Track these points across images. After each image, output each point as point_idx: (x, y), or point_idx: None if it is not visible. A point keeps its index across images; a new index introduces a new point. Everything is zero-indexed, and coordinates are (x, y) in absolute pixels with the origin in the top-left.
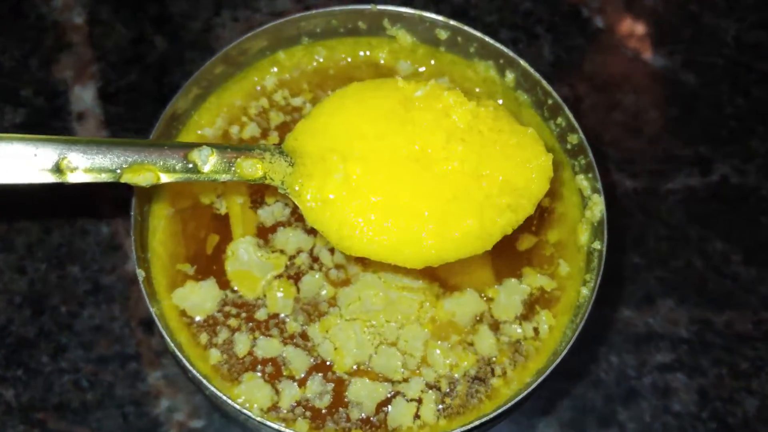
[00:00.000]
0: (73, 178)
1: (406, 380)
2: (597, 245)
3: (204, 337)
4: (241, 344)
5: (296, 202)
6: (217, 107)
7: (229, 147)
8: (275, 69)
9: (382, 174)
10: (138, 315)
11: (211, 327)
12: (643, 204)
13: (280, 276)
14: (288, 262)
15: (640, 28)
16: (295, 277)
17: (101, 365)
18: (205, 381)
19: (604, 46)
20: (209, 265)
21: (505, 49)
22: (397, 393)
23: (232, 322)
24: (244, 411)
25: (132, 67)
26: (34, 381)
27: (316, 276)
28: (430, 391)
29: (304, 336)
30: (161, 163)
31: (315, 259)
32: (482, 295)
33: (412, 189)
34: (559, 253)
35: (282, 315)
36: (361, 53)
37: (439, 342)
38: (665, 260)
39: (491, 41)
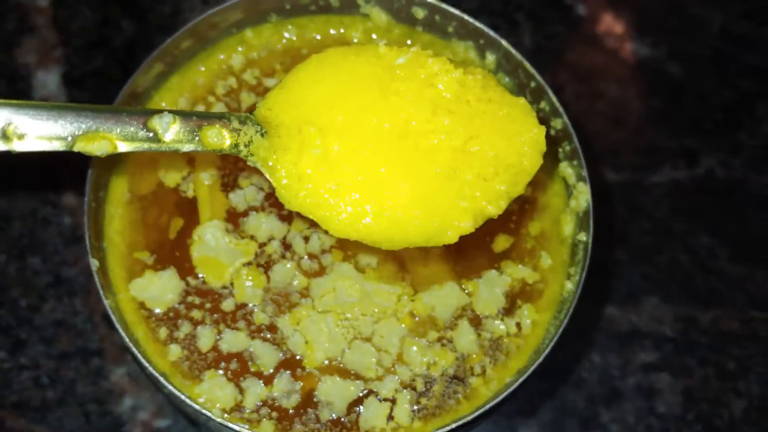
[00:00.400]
0: (20, 146)
1: (380, 378)
2: (582, 237)
3: (164, 332)
4: (205, 338)
5: (268, 177)
6: (179, 86)
7: (194, 114)
8: (242, 48)
9: (364, 149)
10: (101, 309)
11: (172, 320)
12: (626, 197)
13: (249, 264)
14: (258, 250)
15: (623, 17)
16: (265, 265)
17: (62, 361)
18: (162, 379)
19: (586, 35)
20: (171, 252)
21: (486, 29)
22: (370, 392)
23: (196, 313)
24: (204, 411)
25: (98, 51)
26: None
27: (288, 265)
28: (405, 391)
29: (272, 328)
30: (118, 130)
31: (287, 247)
32: (462, 287)
33: (396, 165)
34: (541, 245)
35: (250, 305)
36: (333, 31)
37: (417, 339)
38: (650, 256)
39: (471, 20)
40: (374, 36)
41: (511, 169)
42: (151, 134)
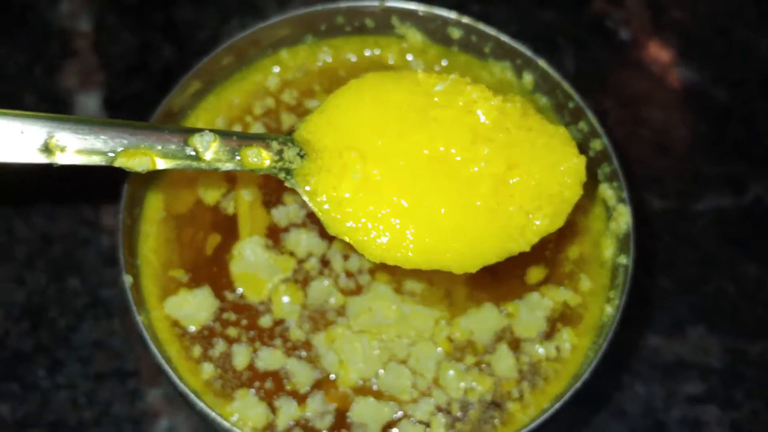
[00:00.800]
0: (62, 158)
1: (414, 401)
2: (622, 260)
3: (197, 350)
4: (240, 356)
5: (306, 199)
6: (215, 106)
7: (234, 134)
8: (278, 68)
9: (404, 175)
10: (138, 330)
11: (206, 339)
12: (671, 225)
13: (287, 280)
14: (297, 266)
15: (668, 42)
16: (303, 281)
17: (99, 382)
18: (194, 397)
19: (629, 60)
20: (208, 269)
21: (523, 49)
22: (405, 415)
23: (231, 331)
24: (236, 430)
25: (137, 75)
26: (30, 396)
27: (325, 282)
28: (440, 414)
29: (307, 345)
30: (159, 147)
31: (325, 264)
32: (501, 310)
33: (435, 193)
34: (581, 269)
35: (287, 321)
36: (368, 52)
37: (454, 362)
38: (696, 285)
39: (508, 40)
40: (410, 57)
41: (553, 199)
42: (191, 152)
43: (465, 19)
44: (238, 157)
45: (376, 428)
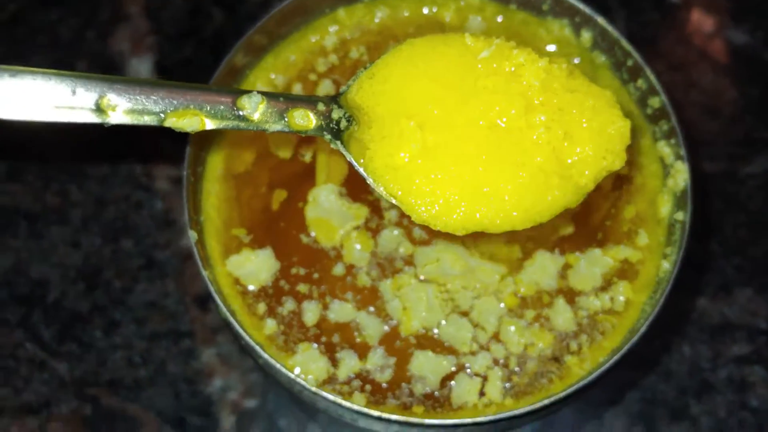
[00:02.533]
0: (114, 118)
1: (473, 353)
2: (679, 216)
3: (261, 307)
4: (310, 312)
5: (353, 161)
6: (273, 66)
7: (281, 95)
8: (335, 28)
9: (461, 144)
10: (193, 291)
11: (270, 297)
12: (721, 188)
13: (359, 228)
14: (369, 215)
15: (719, 4)
16: (374, 230)
17: (154, 342)
18: (258, 348)
19: (680, 22)
20: (274, 225)
21: (582, 6)
22: (462, 367)
23: (301, 287)
24: (299, 380)
25: (188, 40)
26: (87, 356)
27: (395, 232)
28: (496, 368)
29: (373, 291)
30: (208, 108)
31: (399, 215)
32: (562, 259)
33: (492, 161)
34: (637, 227)
35: (356, 268)
36: (426, 10)
37: (516, 318)
38: (743, 248)
39: None
40: (469, 16)
41: (595, 162)
42: (239, 112)
43: None
44: (285, 119)
45: (435, 381)
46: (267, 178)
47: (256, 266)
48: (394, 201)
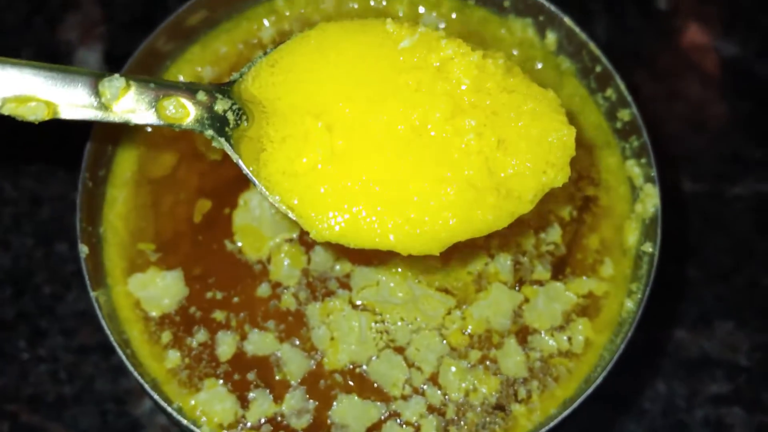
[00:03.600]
0: None
1: (405, 398)
2: (648, 248)
3: (166, 336)
4: (225, 345)
5: (241, 165)
6: (201, 58)
7: (153, 81)
8: (272, 18)
9: (375, 150)
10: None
11: (178, 325)
12: (703, 209)
13: (292, 240)
14: None
15: (709, 12)
16: (309, 245)
17: (82, 356)
18: (145, 384)
19: (666, 29)
20: (190, 239)
21: (546, 3)
22: (392, 415)
23: (217, 315)
24: (186, 424)
25: (142, 29)
26: (8, 368)
27: (331, 248)
28: (431, 416)
29: (298, 317)
30: (60, 93)
31: None
32: (518, 293)
33: (409, 171)
34: (602, 255)
35: (281, 288)
36: (374, 3)
37: (457, 359)
38: (726, 275)
39: None
40: (422, 10)
41: (529, 179)
42: (96, 100)
43: None
44: (155, 109)
45: (359, 430)
46: (193, 184)
47: (160, 289)
48: (290, 214)
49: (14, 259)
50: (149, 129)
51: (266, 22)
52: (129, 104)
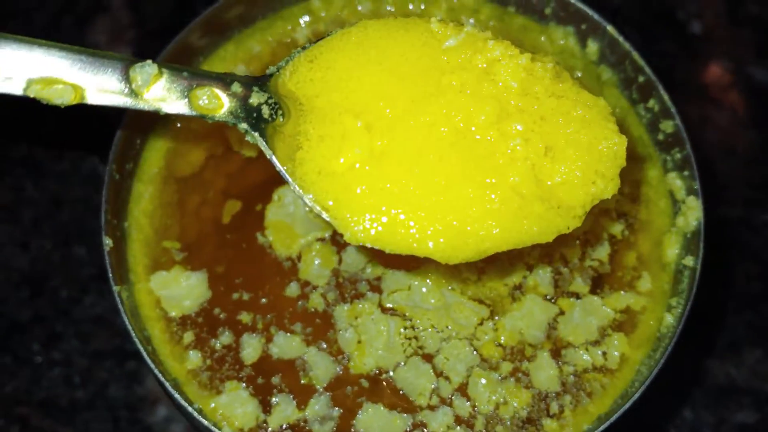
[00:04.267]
0: None
1: (432, 408)
2: (689, 261)
3: (188, 336)
4: (250, 348)
5: (275, 162)
6: (234, 56)
7: (186, 70)
8: (308, 18)
9: (417, 153)
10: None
11: (201, 326)
12: (734, 236)
13: (323, 240)
14: None
15: (742, 36)
16: (341, 245)
17: (96, 361)
18: (168, 386)
19: (699, 54)
20: (218, 239)
21: (589, 11)
22: (417, 425)
23: (244, 317)
24: (210, 426)
25: (171, 36)
26: (21, 371)
27: (364, 250)
28: (459, 428)
29: (325, 317)
30: (87, 76)
31: None
32: (554, 306)
33: (452, 175)
34: (639, 270)
35: (311, 287)
36: (412, 6)
37: (489, 371)
38: (756, 303)
39: (573, 0)
40: (461, 17)
41: (578, 190)
42: (126, 87)
43: None
44: (187, 99)
45: None
46: (220, 185)
47: (183, 290)
48: (324, 215)
49: (32, 261)
50: (179, 125)
51: (302, 22)
52: (160, 92)
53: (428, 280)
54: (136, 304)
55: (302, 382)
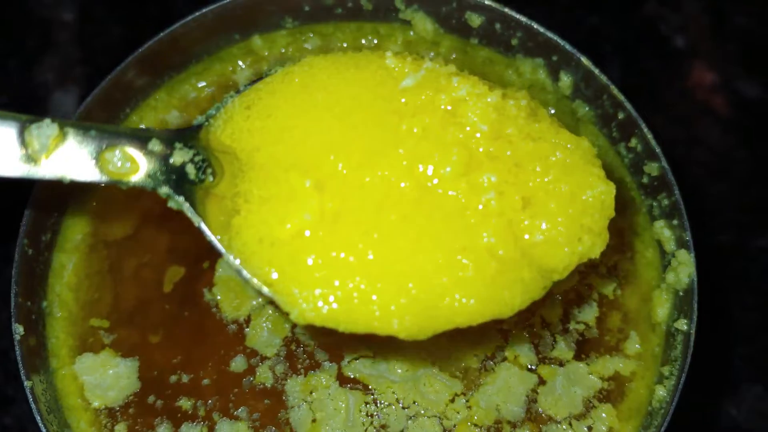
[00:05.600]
0: None
1: None
2: (682, 325)
3: (120, 429)
4: None
5: (205, 230)
6: (166, 104)
7: (94, 127)
8: (248, 60)
9: (374, 213)
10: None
11: (134, 417)
12: (727, 264)
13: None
14: None
15: (729, 52)
16: None
17: None
18: None
19: (684, 71)
20: (155, 311)
21: (560, 41)
22: None
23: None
24: None
25: None
26: None
27: None
28: None
29: (273, 393)
30: None
31: None
32: (534, 373)
33: (417, 238)
34: (627, 328)
35: (258, 357)
36: (365, 42)
37: None
38: (753, 336)
39: (541, 29)
40: (418, 49)
41: (560, 245)
42: (24, 152)
43: (487, 1)
44: (95, 163)
45: None
46: (163, 243)
47: (110, 379)
48: (265, 290)
49: None
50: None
51: (242, 64)
52: (64, 156)
53: (395, 350)
54: (58, 395)
55: None
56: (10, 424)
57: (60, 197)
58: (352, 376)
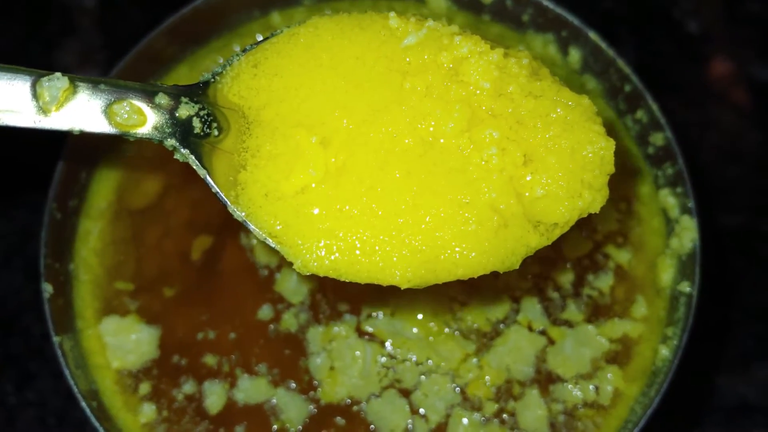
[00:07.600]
0: None
1: None
2: (685, 287)
3: (144, 387)
4: (214, 395)
5: (211, 182)
6: (188, 78)
7: (103, 81)
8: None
9: (378, 168)
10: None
11: (156, 377)
12: (741, 245)
13: None
14: None
15: (743, 35)
16: None
17: (72, 400)
18: None
19: (698, 55)
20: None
21: (569, 16)
22: None
23: (209, 359)
24: None
25: None
26: None
27: None
28: None
29: (294, 340)
30: None
31: None
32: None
33: (419, 192)
34: (633, 293)
35: (284, 305)
36: None
37: (471, 411)
38: (765, 315)
39: (551, 5)
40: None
41: (559, 199)
42: (36, 104)
43: None
44: (105, 115)
45: None
46: (184, 214)
47: (131, 344)
48: (269, 241)
49: (2, 298)
50: (129, 153)
51: (260, 38)
52: (74, 109)
53: (413, 306)
54: (84, 353)
55: (274, 427)
56: (33, 399)
57: (88, 164)
58: (370, 330)
